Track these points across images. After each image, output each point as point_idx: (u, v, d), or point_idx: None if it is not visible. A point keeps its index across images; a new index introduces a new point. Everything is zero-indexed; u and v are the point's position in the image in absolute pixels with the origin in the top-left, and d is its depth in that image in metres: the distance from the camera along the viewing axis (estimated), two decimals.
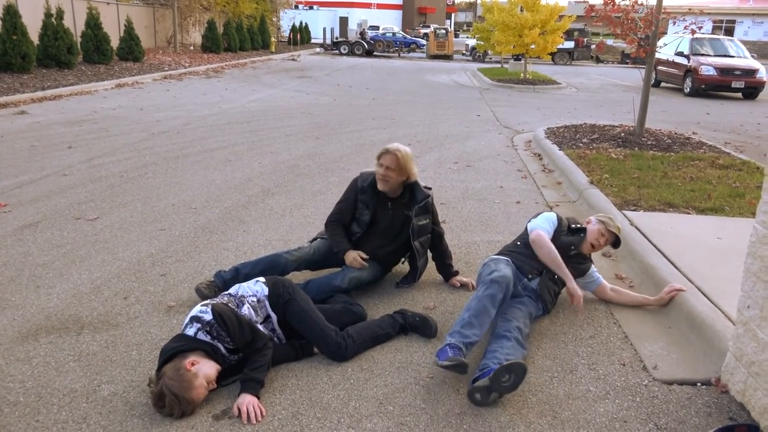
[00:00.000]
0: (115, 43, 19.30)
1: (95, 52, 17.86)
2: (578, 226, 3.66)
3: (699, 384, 2.88)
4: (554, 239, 3.51)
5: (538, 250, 3.42)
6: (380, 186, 3.68)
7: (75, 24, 19.33)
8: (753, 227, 2.62)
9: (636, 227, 4.69)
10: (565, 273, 3.38)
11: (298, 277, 3.80)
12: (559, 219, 3.64)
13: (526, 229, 3.62)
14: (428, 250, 3.93)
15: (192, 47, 28.88)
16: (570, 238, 3.57)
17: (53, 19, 15.71)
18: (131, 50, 19.74)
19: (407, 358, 3.03)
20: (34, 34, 15.26)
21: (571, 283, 3.37)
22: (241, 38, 29.72)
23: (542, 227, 3.51)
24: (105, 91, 13.81)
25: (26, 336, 3.11)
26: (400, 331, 3.25)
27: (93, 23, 17.68)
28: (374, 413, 2.60)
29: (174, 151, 7.65)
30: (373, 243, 3.77)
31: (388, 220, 3.76)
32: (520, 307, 3.20)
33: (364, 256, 3.68)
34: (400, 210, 3.76)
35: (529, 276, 3.39)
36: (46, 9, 15.63)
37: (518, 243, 3.60)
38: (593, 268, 3.70)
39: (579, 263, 3.58)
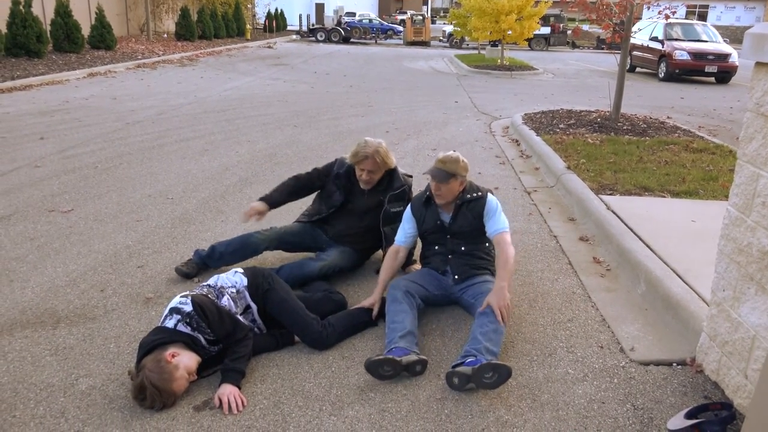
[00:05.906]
0: (86, 31, 18.92)
1: (66, 41, 17.49)
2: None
3: (675, 364, 2.93)
4: (420, 221, 3.45)
5: None
6: (363, 186, 3.77)
7: (44, 12, 18.89)
8: (726, 210, 2.66)
9: (612, 211, 4.74)
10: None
11: (273, 262, 3.80)
12: (411, 205, 3.53)
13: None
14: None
15: (165, 35, 28.42)
16: (426, 205, 3.44)
17: (21, 7, 15.32)
18: (103, 38, 19.40)
19: None
20: (1, 22, 14.85)
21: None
22: (215, 25, 29.31)
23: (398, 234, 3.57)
24: (77, 80, 13.53)
25: (1, 331, 3.06)
26: (380, 318, 3.25)
27: (63, 11, 17.30)
28: (356, 400, 2.61)
29: (149, 141, 7.54)
30: (343, 223, 3.82)
31: (362, 202, 3.81)
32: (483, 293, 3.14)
33: (262, 209, 3.68)
34: (375, 195, 3.80)
35: (446, 269, 3.39)
36: None
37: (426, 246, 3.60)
38: (489, 208, 3.31)
39: (466, 214, 3.34)
